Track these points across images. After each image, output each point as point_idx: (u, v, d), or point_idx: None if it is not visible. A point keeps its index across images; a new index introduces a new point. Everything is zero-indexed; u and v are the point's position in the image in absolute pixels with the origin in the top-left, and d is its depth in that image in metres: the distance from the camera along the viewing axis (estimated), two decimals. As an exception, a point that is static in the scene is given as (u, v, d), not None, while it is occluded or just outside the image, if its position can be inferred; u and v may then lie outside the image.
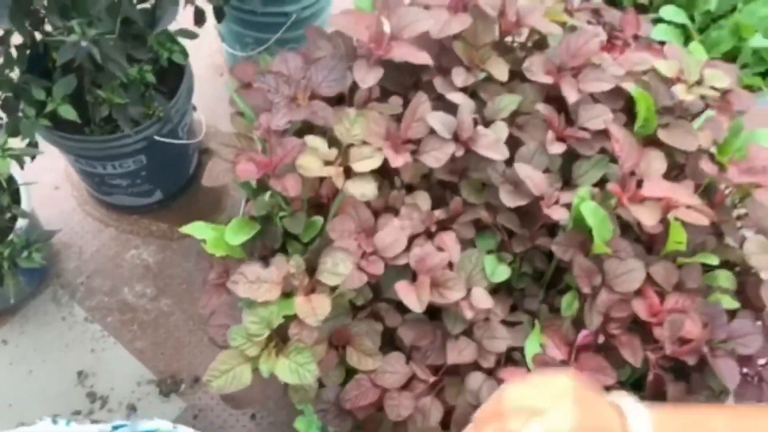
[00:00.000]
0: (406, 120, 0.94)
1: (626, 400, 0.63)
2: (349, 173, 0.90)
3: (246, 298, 0.83)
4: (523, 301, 1.02)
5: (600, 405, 0.62)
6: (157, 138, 1.25)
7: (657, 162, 0.94)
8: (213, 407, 1.29)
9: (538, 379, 0.62)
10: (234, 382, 0.80)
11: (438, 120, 0.93)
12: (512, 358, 0.95)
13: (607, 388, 0.88)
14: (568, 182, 0.99)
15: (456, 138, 0.94)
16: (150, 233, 1.47)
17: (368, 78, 0.93)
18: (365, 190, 0.87)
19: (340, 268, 0.84)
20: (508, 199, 0.92)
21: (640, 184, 0.89)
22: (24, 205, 1.15)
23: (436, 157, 0.93)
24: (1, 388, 1.30)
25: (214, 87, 1.66)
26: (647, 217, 0.86)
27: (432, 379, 0.90)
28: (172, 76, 1.29)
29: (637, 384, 0.98)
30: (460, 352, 0.90)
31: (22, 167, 1.00)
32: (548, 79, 0.98)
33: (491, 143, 0.93)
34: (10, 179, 1.18)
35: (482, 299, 0.90)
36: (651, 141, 1.04)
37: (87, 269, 1.42)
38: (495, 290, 0.97)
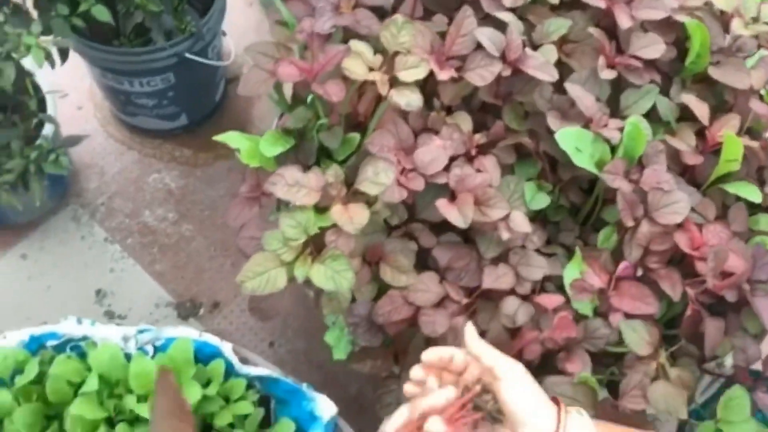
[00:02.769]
0: (451, 35, 0.91)
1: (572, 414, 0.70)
2: (393, 83, 0.87)
3: (284, 200, 0.81)
4: (558, 235, 0.99)
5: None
6: (187, 55, 1.22)
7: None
8: (231, 333, 1.28)
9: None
10: (268, 285, 0.78)
11: (486, 36, 0.89)
12: (545, 288, 0.94)
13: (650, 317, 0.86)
14: (615, 114, 0.96)
15: (503, 58, 0.91)
16: (173, 158, 1.45)
17: (417, -12, 0.89)
18: (410, 99, 0.84)
19: (381, 177, 0.81)
20: (555, 123, 0.89)
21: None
22: (50, 112, 1.13)
23: (481, 75, 0.90)
24: (19, 302, 1.28)
25: (243, 17, 1.63)
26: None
27: (465, 300, 0.88)
28: (205, -5, 1.26)
29: (669, 323, 0.96)
30: (497, 278, 0.88)
31: (53, 66, 0.97)
32: (601, 3, 0.95)
33: (540, 64, 0.90)
34: (36, 88, 1.16)
35: (521, 223, 0.88)
36: (701, 79, 1.01)
37: (108, 190, 1.40)
38: (531, 220, 0.95)
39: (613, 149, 0.90)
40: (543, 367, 0.90)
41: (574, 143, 0.87)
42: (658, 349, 0.89)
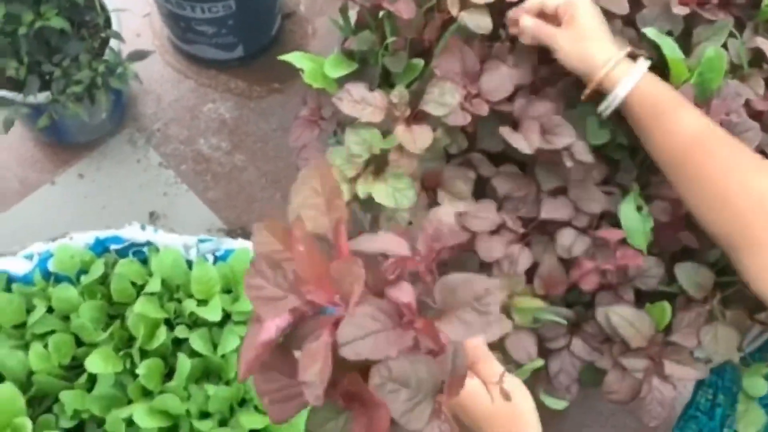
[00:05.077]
0: (524, -38, 0.90)
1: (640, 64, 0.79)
2: (463, 6, 0.86)
3: (348, 118, 0.81)
4: (615, 175, 0.99)
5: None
6: (250, -19, 1.23)
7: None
8: (279, 261, 1.30)
9: None
10: (330, 199, 0.79)
11: (561, -36, 0.88)
12: (601, 226, 0.93)
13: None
14: (686, 51, 0.94)
15: (575, -12, 0.89)
16: (228, 89, 1.46)
17: None
18: (480, 21, 0.84)
19: (446, 98, 0.81)
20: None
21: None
22: (115, 28, 1.14)
23: (552, 4, 0.89)
24: (75, 219, 1.32)
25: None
26: None
27: (521, 230, 0.88)
28: None
29: (723, 271, 0.95)
30: (556, 209, 0.88)
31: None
32: (679, -62, 0.92)
33: (612, -4, 0.89)
34: (102, 5, 1.17)
35: (584, 152, 0.87)
36: (775, 24, 0.99)
37: (164, 117, 1.42)
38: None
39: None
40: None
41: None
42: (710, 294, 0.88)
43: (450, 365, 0.46)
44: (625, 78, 0.78)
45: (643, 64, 0.80)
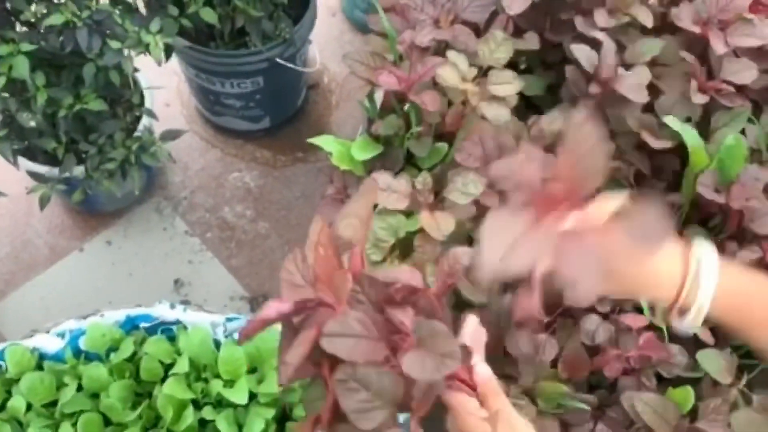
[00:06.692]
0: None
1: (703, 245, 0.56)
2: (484, 96, 0.89)
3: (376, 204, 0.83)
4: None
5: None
6: (278, 60, 1.27)
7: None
8: (300, 330, 1.31)
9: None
10: (358, 284, 0.81)
11: (583, 53, 0.91)
12: (624, 309, 0.94)
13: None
14: (705, 136, 0.96)
15: (595, 76, 0.92)
16: (253, 159, 1.50)
17: (515, 4, 0.91)
18: (499, 113, 0.86)
19: (470, 188, 0.83)
20: (653, 141, 0.90)
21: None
22: (148, 106, 1.19)
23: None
24: (102, 286, 1.35)
25: (326, 27, 1.67)
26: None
27: (547, 319, 0.89)
28: (296, 5, 1.30)
29: (748, 354, 0.95)
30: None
31: (159, 64, 1.03)
32: (696, 29, 0.95)
33: (632, 86, 0.91)
34: (136, 83, 1.22)
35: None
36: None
37: (191, 185, 1.46)
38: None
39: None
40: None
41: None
42: (735, 379, 0.88)
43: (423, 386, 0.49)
44: (704, 283, 0.56)
45: (711, 255, 0.57)
